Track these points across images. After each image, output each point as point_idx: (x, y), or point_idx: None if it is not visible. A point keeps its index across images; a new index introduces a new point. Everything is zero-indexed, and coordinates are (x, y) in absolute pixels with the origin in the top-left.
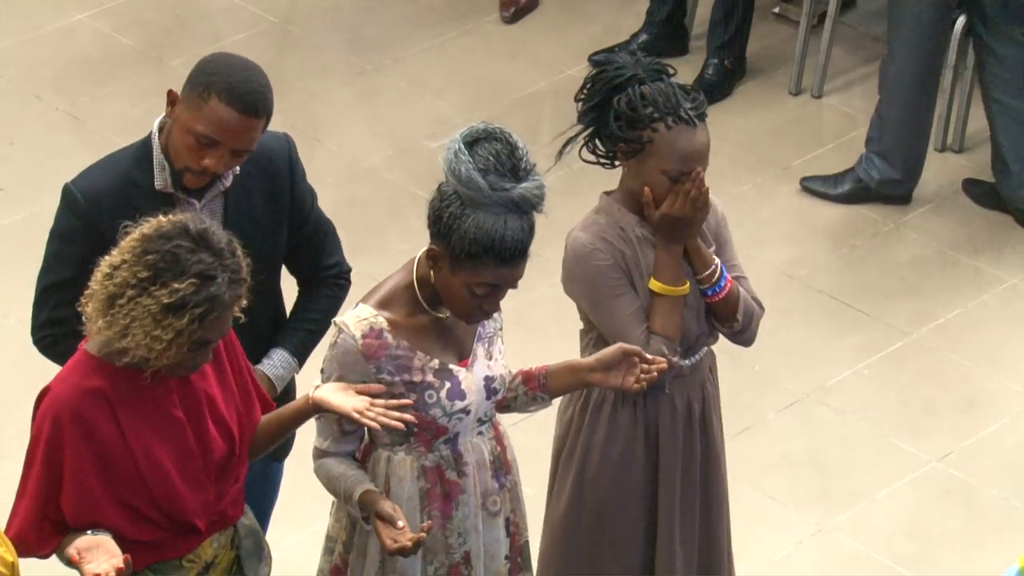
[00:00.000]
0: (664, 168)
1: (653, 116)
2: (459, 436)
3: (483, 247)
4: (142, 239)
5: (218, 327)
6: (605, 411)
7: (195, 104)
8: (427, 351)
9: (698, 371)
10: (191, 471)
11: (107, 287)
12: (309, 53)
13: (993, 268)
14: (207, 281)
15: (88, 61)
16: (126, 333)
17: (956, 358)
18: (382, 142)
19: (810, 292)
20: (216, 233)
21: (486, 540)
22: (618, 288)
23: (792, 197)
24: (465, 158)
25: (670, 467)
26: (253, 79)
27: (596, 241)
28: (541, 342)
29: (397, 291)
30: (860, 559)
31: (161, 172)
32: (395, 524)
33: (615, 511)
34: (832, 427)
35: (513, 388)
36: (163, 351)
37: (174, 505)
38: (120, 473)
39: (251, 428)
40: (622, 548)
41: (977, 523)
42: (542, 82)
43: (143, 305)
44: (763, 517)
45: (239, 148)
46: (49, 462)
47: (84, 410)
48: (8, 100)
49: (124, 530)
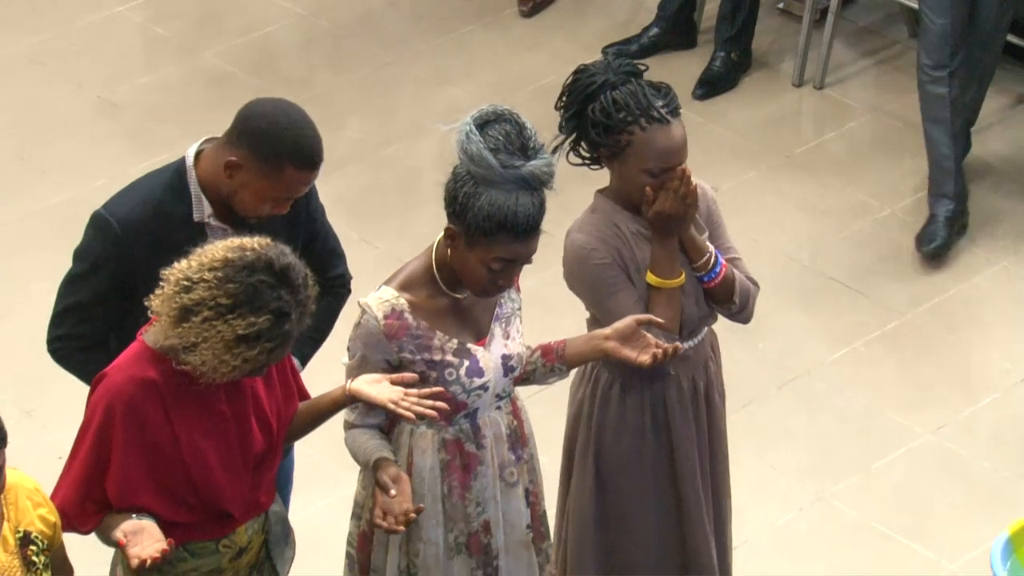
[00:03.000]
0: (645, 167)
1: (627, 120)
2: (478, 411)
3: (497, 223)
4: (225, 264)
5: (281, 355)
6: (614, 395)
7: (267, 175)
8: (446, 331)
9: (700, 351)
10: (231, 462)
11: (182, 299)
12: (335, 45)
13: (985, 251)
14: (283, 319)
15: (126, 51)
16: (194, 349)
17: (949, 337)
18: (402, 130)
19: (811, 274)
20: (295, 268)
21: (505, 510)
22: (616, 284)
23: (795, 183)
24: (476, 138)
25: (683, 440)
26: (310, 133)
27: (593, 242)
28: (553, 319)
29: (417, 274)
30: (857, 526)
31: (199, 204)
32: (387, 492)
33: (629, 487)
34: (831, 402)
35: (532, 362)
36: (226, 372)
37: (212, 493)
38: (165, 461)
39: (288, 419)
40: (640, 522)
41: (969, 493)
42: (558, 74)
43: (217, 330)
44: (765, 486)
45: (303, 193)
46: (99, 446)
47: (137, 400)
48: (50, 88)
49: (162, 512)
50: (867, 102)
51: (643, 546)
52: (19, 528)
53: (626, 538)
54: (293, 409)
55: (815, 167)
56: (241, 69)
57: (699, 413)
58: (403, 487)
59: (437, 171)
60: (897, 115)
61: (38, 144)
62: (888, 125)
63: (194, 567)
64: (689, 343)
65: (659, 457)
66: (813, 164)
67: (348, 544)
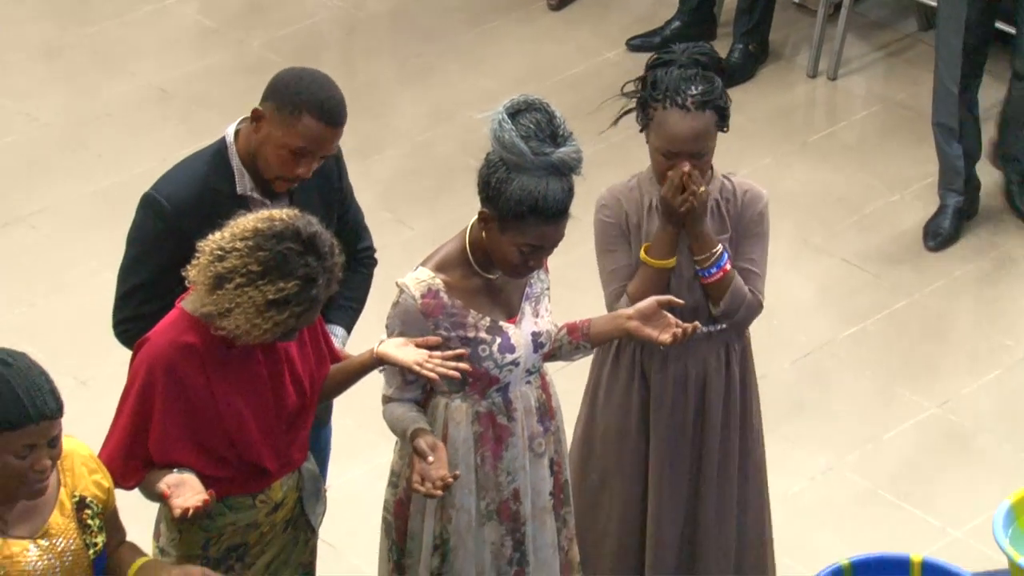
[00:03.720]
0: (656, 145)
1: (656, 97)
2: (509, 385)
3: (528, 207)
4: (255, 233)
5: (310, 319)
6: (610, 355)
7: (288, 123)
8: (479, 309)
9: (703, 346)
10: (266, 420)
11: (216, 267)
12: (373, 37)
13: (990, 235)
14: (310, 284)
15: (176, 41)
16: (228, 314)
17: (955, 316)
18: (436, 118)
19: (824, 255)
20: (322, 236)
21: (532, 479)
22: (612, 244)
23: (809, 170)
24: (508, 126)
25: (662, 415)
26: (334, 93)
27: (609, 199)
28: (579, 298)
29: (452, 255)
30: (866, 495)
31: (241, 178)
32: (425, 459)
33: (618, 436)
34: (842, 376)
35: (559, 339)
36: (258, 336)
37: (249, 449)
38: (204, 420)
39: (321, 380)
40: (625, 465)
41: (973, 464)
42: (583, 64)
43: (249, 295)
44: (779, 457)
45: (325, 154)
46: (141, 406)
47: (177, 363)
48: (106, 75)
49: (202, 468)
50: (878, 92)
51: (614, 500)
52: (75, 493)
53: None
54: (325, 371)
55: (828, 154)
56: (284, 59)
57: (686, 396)
58: (440, 455)
59: (470, 157)
60: (907, 105)
61: (94, 129)
62: (898, 115)
63: (232, 521)
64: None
65: (640, 419)
66: (826, 151)
67: (385, 511)
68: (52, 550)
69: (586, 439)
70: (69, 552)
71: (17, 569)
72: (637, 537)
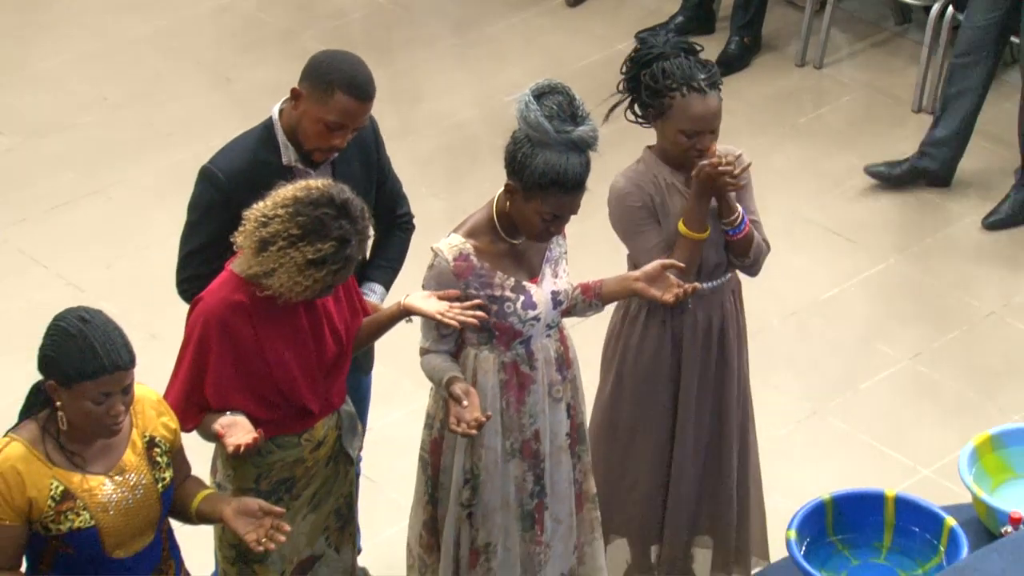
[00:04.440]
0: (681, 128)
1: (671, 87)
2: (532, 338)
3: (550, 179)
4: (295, 201)
5: (345, 276)
6: (640, 321)
7: (322, 99)
8: (505, 271)
9: (718, 294)
10: (308, 367)
11: (260, 232)
12: (413, 29)
13: (958, 205)
14: (344, 244)
15: (237, 33)
16: (272, 274)
17: (926, 278)
18: (469, 101)
19: (810, 224)
20: (354, 202)
21: (551, 421)
22: (644, 225)
23: (797, 149)
24: (534, 107)
25: (690, 365)
26: (363, 71)
27: (630, 186)
28: (593, 262)
29: (481, 223)
30: (846, 437)
31: (286, 150)
32: (460, 403)
33: (645, 397)
34: (825, 332)
35: (574, 298)
36: (299, 292)
37: (294, 394)
38: (253, 369)
39: (355, 331)
40: (652, 425)
41: (940, 410)
42: (597, 55)
43: (290, 256)
44: (768, 403)
45: (358, 127)
46: (197, 357)
47: (228, 319)
48: (173, 64)
49: (253, 411)
50: (860, 80)
51: (637, 458)
52: (146, 433)
53: (629, 448)
54: (358, 323)
55: (815, 135)
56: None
57: (710, 345)
58: (473, 399)
59: (496, 137)
60: (886, 91)
61: (163, 111)
62: (878, 100)
63: (280, 458)
64: (707, 284)
65: (669, 378)
66: (813, 132)
67: (421, 449)
68: (125, 484)
69: (616, 402)
70: (140, 486)
71: (95, 501)
72: (663, 481)
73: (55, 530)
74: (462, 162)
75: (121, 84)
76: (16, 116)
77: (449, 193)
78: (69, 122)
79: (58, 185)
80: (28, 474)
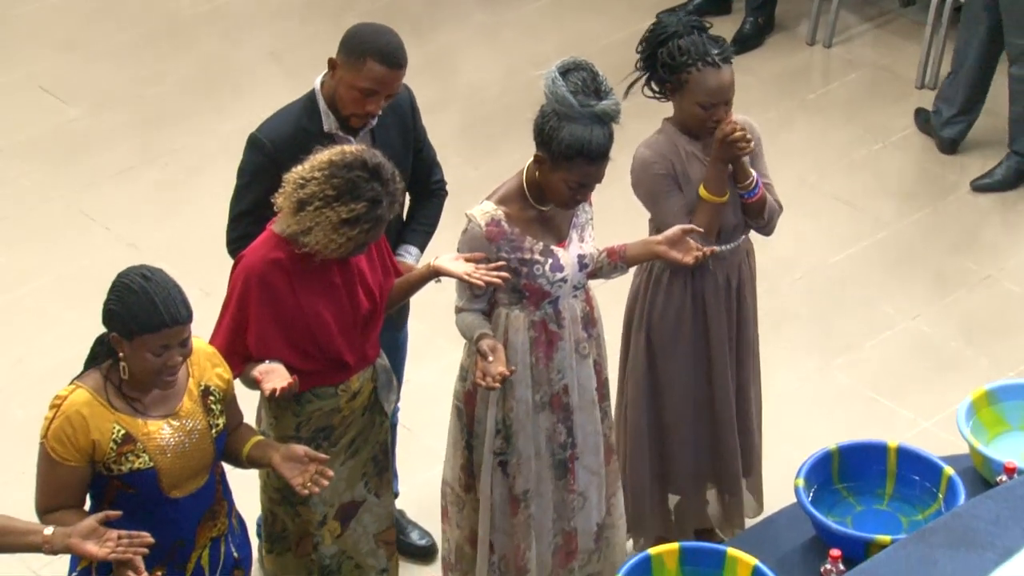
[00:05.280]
0: (698, 100)
1: (687, 63)
2: (559, 299)
3: (575, 150)
4: (330, 164)
5: (377, 235)
6: (663, 282)
7: (355, 67)
8: (534, 236)
9: (736, 255)
10: (344, 322)
11: (298, 193)
12: (447, 8)
13: (956, 176)
14: (376, 205)
15: (288, 14)
16: (309, 232)
17: (927, 243)
18: (500, 76)
19: (818, 193)
20: (385, 166)
21: (579, 376)
22: (668, 191)
23: (807, 122)
24: (560, 83)
25: (715, 322)
26: (394, 40)
27: (654, 155)
28: (616, 227)
29: (511, 191)
30: (850, 391)
31: (327, 118)
32: (486, 358)
33: (672, 354)
34: (831, 293)
35: (600, 261)
36: (334, 250)
37: (331, 346)
38: (292, 322)
39: (388, 290)
40: (685, 380)
41: (939, 367)
42: (620, 33)
43: (326, 216)
44: (778, 360)
45: (390, 93)
46: (239, 311)
47: (268, 275)
48: (227, 42)
49: (292, 362)
50: (867, 58)
51: (681, 406)
52: (201, 382)
53: (670, 398)
54: (391, 283)
55: (823, 109)
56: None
57: (731, 304)
58: (498, 355)
59: (526, 110)
60: (890, 69)
61: (217, 84)
62: (883, 77)
63: (318, 407)
64: (725, 246)
65: (696, 333)
66: (822, 107)
67: (456, 399)
68: (182, 429)
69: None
70: (196, 431)
71: (153, 444)
72: (704, 432)
73: (116, 471)
74: (494, 133)
75: (179, 60)
76: (82, 89)
77: (482, 162)
78: (130, 94)
79: (119, 153)
80: (92, 418)
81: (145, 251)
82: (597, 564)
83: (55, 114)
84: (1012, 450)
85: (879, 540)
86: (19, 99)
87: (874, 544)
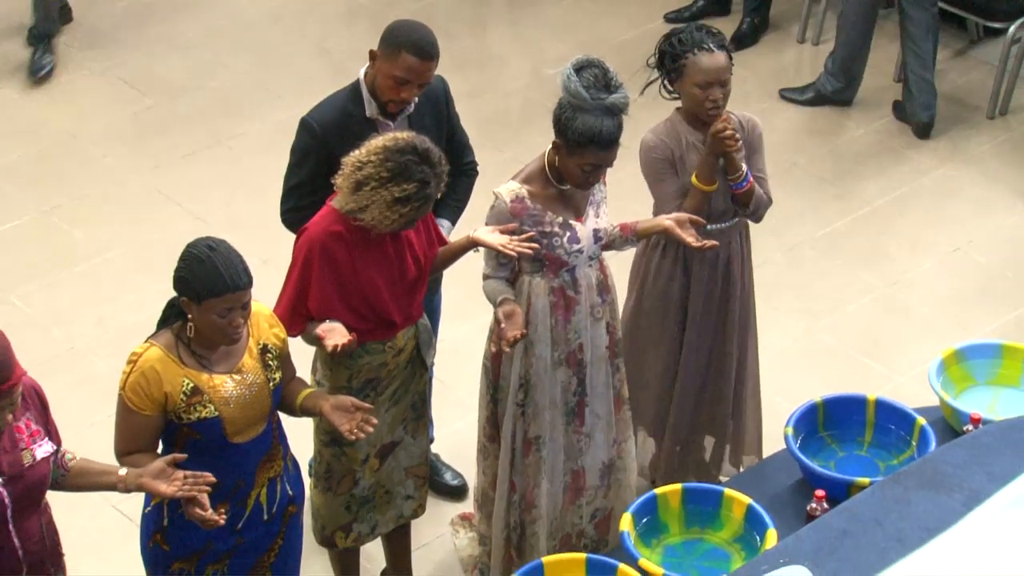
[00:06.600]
0: (696, 81)
1: (685, 50)
2: (576, 268)
3: (588, 138)
4: (385, 149)
5: (425, 212)
6: (658, 250)
7: (391, 58)
8: (554, 211)
9: (725, 234)
10: (393, 286)
11: (356, 175)
12: (476, 8)
13: (929, 159)
14: (425, 185)
15: (336, 13)
16: (365, 209)
17: (903, 219)
18: (524, 71)
19: (806, 174)
20: (433, 151)
21: (593, 336)
22: (664, 174)
23: (796, 112)
24: (574, 78)
25: (696, 292)
26: (427, 35)
27: (655, 140)
28: (628, 204)
29: (534, 172)
30: (835, 350)
31: (369, 104)
32: (499, 323)
33: (658, 314)
34: (818, 263)
35: (613, 234)
36: (388, 225)
37: (383, 307)
38: (349, 287)
39: (432, 258)
40: (663, 338)
41: (913, 329)
42: (631, 32)
43: (381, 195)
44: (770, 323)
45: (423, 83)
46: (302, 276)
47: (329, 245)
48: (283, 37)
49: (348, 321)
50: None
51: (649, 364)
52: (260, 341)
53: (644, 355)
54: (435, 252)
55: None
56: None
57: (716, 276)
58: (514, 319)
59: (546, 101)
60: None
61: (275, 76)
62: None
63: (368, 361)
64: (716, 225)
65: (679, 300)
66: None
67: (484, 358)
68: (243, 383)
69: (635, 317)
70: (255, 384)
71: (218, 396)
72: (670, 385)
73: (186, 419)
74: (519, 121)
75: (241, 54)
76: (155, 80)
77: (507, 147)
78: (198, 85)
79: (188, 137)
80: (164, 372)
81: (212, 224)
82: (603, 500)
83: (133, 103)
84: (978, 403)
85: (859, 482)
86: (102, 90)
87: (855, 486)
